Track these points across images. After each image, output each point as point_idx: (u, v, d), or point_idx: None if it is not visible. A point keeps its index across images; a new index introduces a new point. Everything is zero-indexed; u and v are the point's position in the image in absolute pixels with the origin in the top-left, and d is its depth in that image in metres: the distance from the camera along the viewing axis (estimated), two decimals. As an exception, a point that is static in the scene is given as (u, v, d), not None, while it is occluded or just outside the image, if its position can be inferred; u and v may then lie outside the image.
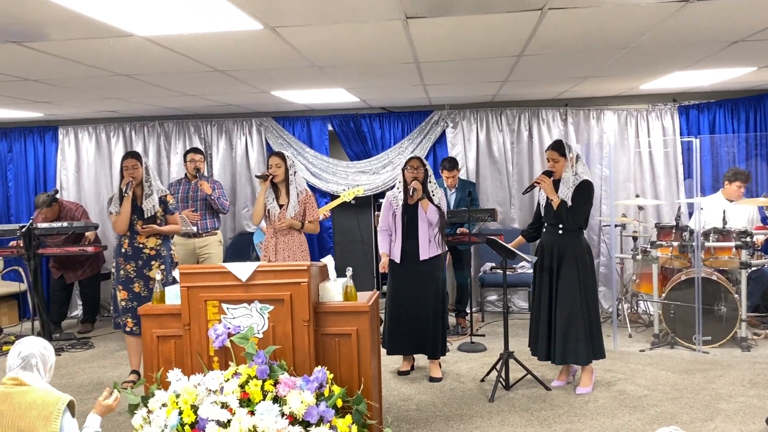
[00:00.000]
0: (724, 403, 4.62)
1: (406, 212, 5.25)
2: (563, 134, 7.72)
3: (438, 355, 5.36)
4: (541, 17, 3.58)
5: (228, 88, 5.84)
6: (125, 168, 5.18)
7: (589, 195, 4.90)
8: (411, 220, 5.23)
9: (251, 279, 3.62)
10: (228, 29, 3.62)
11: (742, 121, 7.52)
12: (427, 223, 5.19)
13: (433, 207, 5.17)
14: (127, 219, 5.17)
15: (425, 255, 5.21)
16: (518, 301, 8.01)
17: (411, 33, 3.86)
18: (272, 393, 3.33)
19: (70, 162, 8.31)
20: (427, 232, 5.21)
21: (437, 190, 5.27)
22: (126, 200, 5.14)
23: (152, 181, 5.26)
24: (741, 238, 5.97)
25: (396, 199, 5.29)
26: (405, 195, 5.25)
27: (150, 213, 5.21)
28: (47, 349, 3.03)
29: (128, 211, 5.16)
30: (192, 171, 6.80)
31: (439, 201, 5.24)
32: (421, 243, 5.20)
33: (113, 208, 5.24)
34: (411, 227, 5.23)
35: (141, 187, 5.23)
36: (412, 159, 5.25)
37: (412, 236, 5.22)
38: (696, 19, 3.78)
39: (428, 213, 5.16)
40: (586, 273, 4.92)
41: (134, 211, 5.20)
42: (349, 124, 8.01)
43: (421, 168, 5.19)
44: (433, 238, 5.22)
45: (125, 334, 5.34)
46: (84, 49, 4.05)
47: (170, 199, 5.38)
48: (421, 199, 5.16)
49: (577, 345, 4.88)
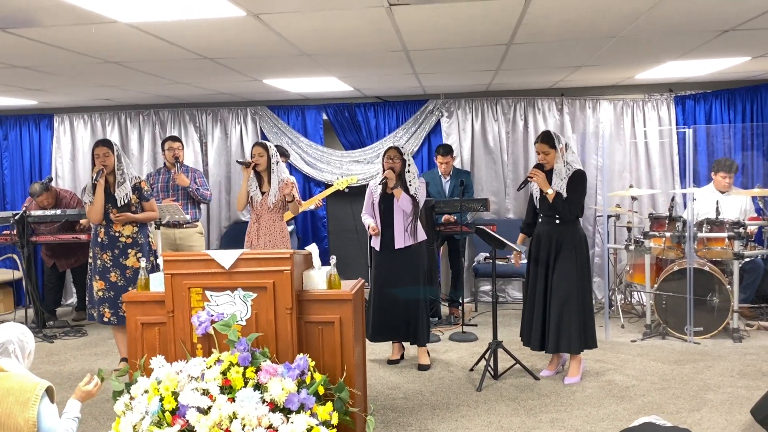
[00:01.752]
0: (711, 394, 4.61)
1: (382, 201, 5.31)
2: (559, 124, 7.70)
3: (423, 341, 5.38)
4: (527, 5, 3.55)
5: (219, 76, 5.82)
6: (96, 156, 5.10)
7: (583, 185, 4.91)
8: (387, 209, 5.31)
9: (234, 266, 3.63)
10: (212, 16, 3.60)
11: (738, 111, 7.48)
12: (401, 213, 5.22)
13: (407, 196, 5.20)
14: (101, 208, 5.11)
15: (400, 244, 5.27)
16: (512, 291, 8.00)
17: (396, 20, 3.84)
18: (254, 380, 3.34)
19: (65, 150, 8.31)
20: (402, 221, 5.25)
21: (415, 181, 5.29)
22: (99, 188, 5.07)
23: (125, 168, 5.18)
24: (734, 229, 5.95)
25: (376, 189, 5.35)
26: (384, 185, 5.28)
27: (123, 201, 5.15)
28: (25, 335, 3.04)
29: (101, 199, 5.09)
30: (171, 160, 6.75)
31: (415, 191, 5.26)
32: (396, 232, 5.27)
33: (87, 198, 5.18)
34: (387, 216, 5.31)
35: (113, 175, 5.16)
36: (390, 149, 5.29)
37: (388, 225, 5.30)
38: (683, 8, 3.75)
39: (400, 201, 5.19)
40: (582, 263, 4.93)
41: (108, 199, 5.14)
42: (343, 114, 7.99)
43: (398, 158, 5.23)
44: (407, 228, 5.24)
45: (104, 325, 5.31)
46: (69, 36, 4.03)
47: (144, 186, 5.29)
48: (394, 188, 5.17)
49: (570, 334, 4.88)
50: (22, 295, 7.86)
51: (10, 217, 6.67)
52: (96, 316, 5.28)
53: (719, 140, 7.46)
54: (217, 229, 8.19)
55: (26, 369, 3.01)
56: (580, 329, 4.91)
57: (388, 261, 5.33)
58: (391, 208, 5.28)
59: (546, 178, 4.90)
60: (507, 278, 7.78)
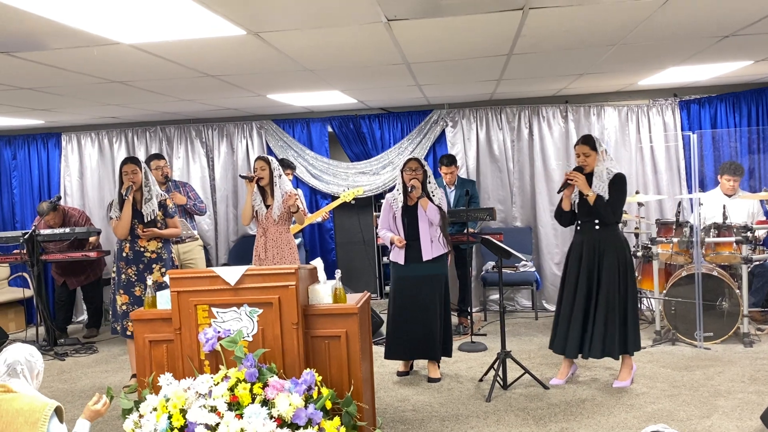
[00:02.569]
0: (722, 400, 4.59)
1: (405, 214, 5.23)
2: (564, 131, 7.70)
3: (443, 355, 5.35)
4: (524, 17, 3.57)
5: (223, 92, 5.87)
6: (125, 173, 5.25)
7: (624, 188, 4.89)
8: (411, 221, 5.20)
9: (240, 283, 3.65)
10: (212, 35, 3.64)
11: (743, 114, 7.45)
12: (427, 223, 5.16)
13: (433, 206, 5.14)
14: (128, 223, 5.25)
15: (428, 255, 5.16)
16: (521, 299, 7.99)
17: (395, 35, 3.87)
18: (261, 396, 3.36)
19: (73, 168, 8.38)
20: (429, 232, 5.16)
21: (437, 191, 5.24)
22: (127, 204, 5.22)
23: (151, 185, 5.34)
24: (742, 233, 5.93)
25: (396, 201, 5.26)
26: (405, 197, 5.24)
27: (150, 217, 5.29)
28: (33, 355, 3.06)
29: (129, 215, 5.23)
30: (160, 178, 6.79)
31: (439, 201, 5.21)
32: (423, 243, 5.17)
33: (113, 213, 5.31)
34: (411, 229, 5.20)
35: (141, 192, 5.30)
36: (410, 160, 5.21)
37: (414, 237, 5.19)
38: (681, 15, 3.76)
39: (428, 212, 5.12)
40: (627, 266, 4.91)
41: (135, 215, 5.27)
42: (348, 126, 8.03)
43: (419, 169, 5.16)
44: (437, 238, 5.17)
45: (127, 339, 5.38)
46: (73, 58, 4.08)
47: (170, 203, 5.45)
48: (420, 197, 5.13)
49: (624, 337, 4.88)
50: (33, 314, 7.92)
51: (20, 237, 6.73)
52: (119, 330, 5.36)
53: (725, 144, 7.43)
54: (225, 244, 8.22)
55: (35, 390, 3.03)
56: (635, 332, 4.93)
57: (414, 274, 5.22)
58: (415, 220, 5.19)
59: (585, 181, 4.87)
60: (516, 287, 7.77)
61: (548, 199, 7.73)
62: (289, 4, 3.14)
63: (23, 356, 3.00)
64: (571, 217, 5.06)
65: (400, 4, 3.16)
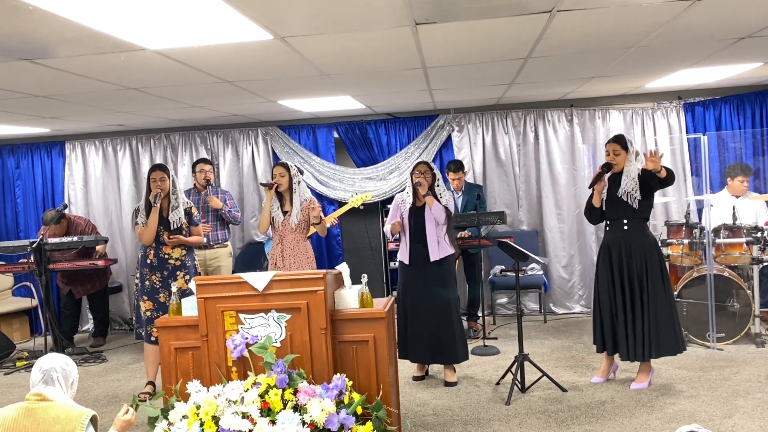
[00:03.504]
0: (741, 400, 4.60)
1: (413, 215, 5.27)
2: (569, 135, 7.73)
3: (460, 359, 5.33)
4: (550, 19, 3.59)
5: (236, 98, 5.86)
6: (153, 180, 5.27)
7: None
8: (418, 222, 5.24)
9: (267, 288, 3.64)
10: (238, 40, 3.64)
11: (748, 116, 7.51)
12: (434, 223, 5.19)
13: (439, 205, 5.17)
14: (154, 230, 5.27)
15: (435, 256, 5.19)
16: (529, 303, 7.99)
17: (420, 39, 3.87)
18: (292, 402, 3.34)
19: (77, 176, 8.34)
20: (435, 232, 5.20)
21: (445, 193, 5.28)
22: (154, 211, 5.24)
23: (178, 193, 5.37)
24: (751, 234, 5.97)
25: (404, 202, 5.32)
26: (414, 198, 5.27)
27: (176, 225, 5.32)
28: (69, 365, 3.04)
29: (155, 222, 5.26)
30: (202, 182, 6.83)
31: (446, 202, 5.24)
32: (429, 244, 5.20)
33: (140, 219, 5.33)
34: (418, 229, 5.24)
35: (168, 199, 5.33)
36: (420, 163, 5.26)
37: (420, 238, 5.23)
38: (703, 17, 3.78)
39: (434, 210, 5.15)
40: (662, 264, 4.96)
41: (161, 222, 5.30)
42: (354, 131, 8.03)
43: (428, 172, 5.21)
44: (443, 238, 5.21)
45: (146, 344, 5.37)
46: (94, 64, 4.07)
47: (194, 211, 5.49)
48: (426, 195, 5.15)
49: (673, 336, 4.91)
50: (38, 323, 7.86)
51: (27, 246, 6.68)
52: (144, 335, 5.37)
53: (730, 146, 7.48)
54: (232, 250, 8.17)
55: (70, 398, 3.01)
56: (680, 330, 4.97)
57: (420, 275, 5.25)
58: (422, 221, 5.23)
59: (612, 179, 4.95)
60: (524, 289, 7.78)
61: (554, 203, 7.76)
62: (318, 7, 3.14)
63: (59, 364, 2.98)
64: (600, 215, 5.08)
65: (431, 6, 3.17)
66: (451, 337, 5.24)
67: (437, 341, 5.23)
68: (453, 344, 5.25)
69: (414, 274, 5.29)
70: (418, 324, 5.24)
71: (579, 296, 7.78)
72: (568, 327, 7.18)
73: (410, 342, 5.28)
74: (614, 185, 4.96)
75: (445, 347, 5.25)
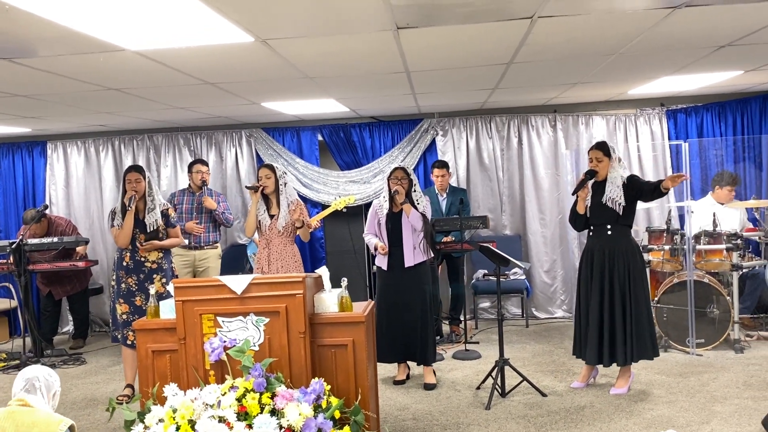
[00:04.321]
0: (719, 406, 4.63)
1: (390, 220, 5.31)
2: (552, 140, 7.76)
3: (430, 361, 5.37)
4: (531, 25, 3.60)
5: (218, 100, 5.84)
6: (128, 181, 5.20)
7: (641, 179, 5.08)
8: (395, 227, 5.29)
9: (246, 292, 3.62)
10: (220, 42, 3.62)
11: (729, 124, 7.58)
12: (410, 229, 5.23)
13: (416, 212, 5.21)
14: (130, 233, 5.20)
15: (410, 262, 5.26)
16: (511, 307, 8.01)
17: (402, 43, 3.88)
18: (270, 406, 3.32)
19: (59, 177, 8.27)
20: (411, 239, 5.24)
21: (422, 199, 5.32)
22: (129, 214, 5.17)
23: (155, 195, 5.30)
24: (731, 241, 6.01)
25: (381, 208, 5.35)
26: (390, 204, 5.28)
27: (152, 227, 5.25)
28: (52, 376, 3.06)
29: (131, 224, 5.19)
30: (198, 183, 6.81)
31: (423, 209, 5.27)
32: (405, 250, 5.25)
33: (116, 221, 5.26)
34: (395, 235, 5.29)
35: (144, 201, 5.27)
36: (396, 169, 5.30)
37: (397, 243, 5.28)
38: (684, 25, 3.81)
39: (411, 217, 5.19)
40: (643, 272, 5.04)
41: (136, 224, 5.23)
42: (339, 134, 8.02)
43: (405, 178, 5.25)
44: (419, 245, 5.25)
45: (124, 347, 5.31)
46: (74, 65, 4.04)
47: (171, 213, 5.42)
48: (403, 203, 5.17)
49: (651, 341, 4.98)
50: (18, 325, 7.78)
51: (6, 246, 6.62)
52: (120, 338, 5.31)
53: (712, 153, 7.54)
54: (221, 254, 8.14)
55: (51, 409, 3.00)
56: (652, 336, 5.01)
57: (397, 280, 5.31)
58: (399, 227, 5.27)
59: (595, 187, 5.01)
60: (506, 294, 7.79)
61: (537, 208, 7.79)
62: (299, 10, 3.14)
63: (42, 374, 3.00)
64: (585, 221, 5.10)
65: (413, 11, 3.17)
66: (424, 339, 5.30)
67: (410, 342, 5.30)
68: (425, 346, 5.31)
69: (391, 279, 5.35)
70: (394, 327, 5.29)
71: (561, 301, 7.81)
72: (550, 332, 7.20)
73: (385, 345, 5.30)
74: (598, 192, 4.99)
75: (419, 348, 5.31)
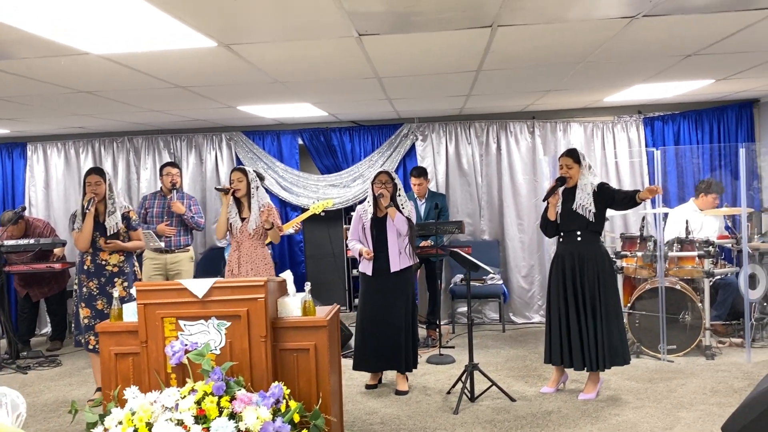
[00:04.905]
0: (684, 412, 4.67)
1: (374, 225, 5.28)
2: (531, 146, 7.81)
3: (409, 368, 5.38)
4: (492, 33, 3.63)
5: (193, 103, 5.85)
6: (88, 184, 5.16)
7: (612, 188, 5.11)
8: (380, 232, 5.26)
9: (208, 295, 3.62)
10: (182, 47, 3.64)
11: (705, 132, 7.65)
12: (395, 234, 5.21)
13: (402, 216, 5.19)
14: (90, 236, 5.15)
15: (396, 267, 5.22)
16: (489, 312, 8.04)
17: (366, 49, 3.90)
18: (228, 409, 3.33)
19: (38, 178, 8.27)
20: (397, 243, 5.22)
21: (407, 203, 5.31)
22: (88, 217, 5.12)
23: (115, 197, 5.25)
24: (704, 248, 6.06)
25: (366, 213, 5.32)
26: (374, 208, 5.29)
27: (113, 230, 5.20)
28: (20, 398, 3.04)
29: (90, 227, 5.14)
30: (168, 185, 6.76)
31: (408, 213, 5.26)
32: (390, 255, 5.22)
33: (76, 225, 5.21)
34: (380, 240, 5.26)
35: (104, 204, 5.22)
36: (381, 173, 5.28)
37: (382, 248, 5.25)
38: (646, 34, 3.85)
39: (396, 221, 5.17)
40: (613, 277, 5.08)
41: (97, 227, 5.18)
42: (319, 138, 8.04)
43: (390, 182, 5.22)
44: (404, 250, 5.23)
45: (89, 352, 5.31)
46: (40, 68, 4.05)
47: (133, 215, 5.37)
48: (388, 207, 5.17)
49: (622, 346, 5.02)
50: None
51: (-19, 248, 6.61)
52: (83, 343, 5.29)
53: (688, 160, 7.60)
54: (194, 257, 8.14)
55: None
56: (623, 342, 5.05)
57: (382, 285, 5.27)
58: (383, 231, 5.25)
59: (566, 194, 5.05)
60: (483, 299, 7.83)
61: (515, 213, 7.83)
62: (259, 17, 3.16)
63: (11, 394, 2.98)
64: (555, 228, 5.14)
65: (371, 19, 3.20)
66: (408, 346, 5.28)
67: (392, 349, 5.26)
68: (408, 353, 5.30)
69: (375, 285, 5.30)
70: (377, 334, 5.25)
71: (538, 306, 7.85)
72: (526, 337, 7.23)
73: (366, 353, 5.28)
74: (569, 199, 5.03)
75: (400, 356, 5.27)
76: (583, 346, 4.98)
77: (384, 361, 5.32)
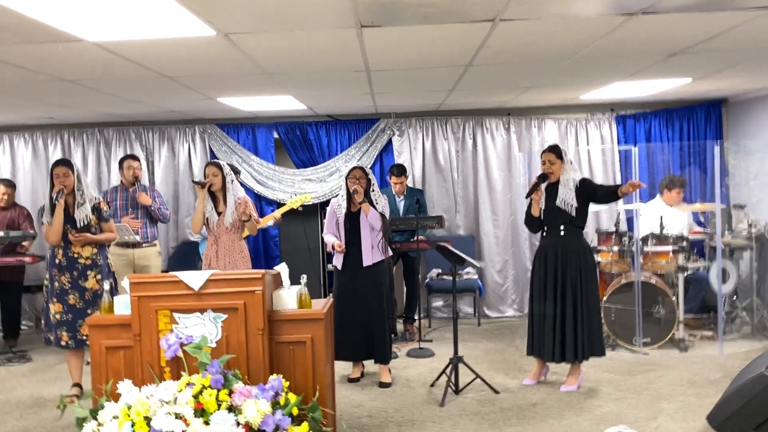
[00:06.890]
0: (665, 403, 4.78)
1: (348, 220, 5.31)
2: (506, 143, 7.89)
3: (387, 359, 5.40)
4: (492, 28, 3.66)
5: (175, 94, 5.75)
6: (56, 176, 5.00)
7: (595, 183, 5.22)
8: (353, 226, 5.30)
9: (204, 288, 3.59)
10: (181, 35, 3.58)
11: (676, 130, 7.83)
12: (369, 228, 5.25)
13: (375, 212, 5.23)
14: (60, 229, 5.00)
15: (368, 261, 5.27)
16: (464, 306, 8.10)
17: (364, 41, 3.89)
18: (227, 402, 3.31)
19: (5, 169, 8.02)
20: (370, 238, 5.26)
21: (381, 199, 5.35)
22: (58, 209, 4.97)
23: (84, 189, 5.10)
24: (677, 243, 6.20)
25: (339, 207, 5.35)
26: (348, 203, 5.30)
27: (83, 222, 5.05)
28: None
29: (61, 220, 4.98)
30: (130, 178, 6.60)
31: (382, 209, 5.30)
32: (363, 249, 5.26)
33: (45, 219, 5.05)
34: (353, 234, 5.30)
35: (73, 196, 5.07)
36: (355, 169, 5.30)
37: (355, 242, 5.29)
38: (637, 33, 3.92)
39: (369, 217, 5.21)
40: (592, 271, 5.16)
41: (67, 220, 5.03)
42: (295, 132, 7.99)
43: (363, 178, 5.25)
44: (377, 244, 5.26)
45: (62, 349, 5.15)
46: (29, 54, 3.93)
47: (104, 206, 5.22)
48: (362, 202, 5.19)
49: (599, 338, 5.15)
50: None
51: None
52: (53, 340, 5.10)
53: (659, 158, 7.77)
54: (165, 249, 8.00)
55: None
56: (600, 334, 5.16)
57: (354, 279, 5.31)
58: (357, 226, 5.28)
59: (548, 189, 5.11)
60: (459, 293, 7.87)
61: (491, 209, 7.90)
62: (263, 5, 3.12)
63: None
64: (539, 224, 5.20)
65: (377, 10, 3.19)
66: (381, 337, 5.32)
67: (368, 341, 5.31)
68: (383, 344, 5.34)
69: (348, 279, 5.35)
70: (352, 326, 5.28)
71: (512, 300, 7.94)
72: (501, 330, 7.31)
73: (343, 343, 5.30)
74: (552, 194, 5.09)
75: (377, 347, 5.32)
76: (565, 338, 5.07)
77: (359, 350, 5.37)
